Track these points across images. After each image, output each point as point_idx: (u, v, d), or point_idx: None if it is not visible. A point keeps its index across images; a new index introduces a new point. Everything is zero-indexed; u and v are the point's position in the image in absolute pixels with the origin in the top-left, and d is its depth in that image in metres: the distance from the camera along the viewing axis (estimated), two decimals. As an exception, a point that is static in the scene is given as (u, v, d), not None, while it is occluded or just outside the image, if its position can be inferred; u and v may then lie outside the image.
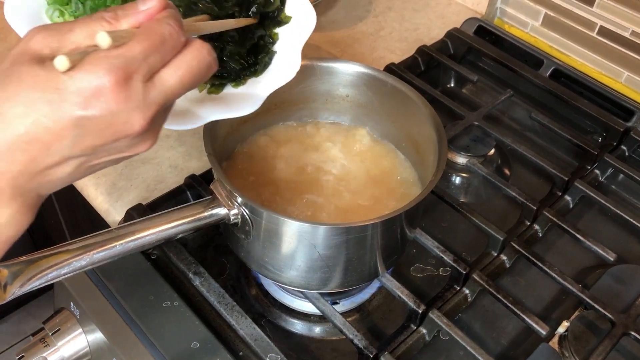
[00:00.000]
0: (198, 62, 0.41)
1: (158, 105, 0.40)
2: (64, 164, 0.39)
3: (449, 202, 0.71)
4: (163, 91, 0.40)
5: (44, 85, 0.36)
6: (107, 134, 0.38)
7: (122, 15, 0.41)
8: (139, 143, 0.41)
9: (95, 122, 0.37)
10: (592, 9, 0.91)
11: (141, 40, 0.39)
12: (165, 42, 0.39)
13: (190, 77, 0.41)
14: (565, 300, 0.68)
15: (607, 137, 0.85)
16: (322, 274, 0.56)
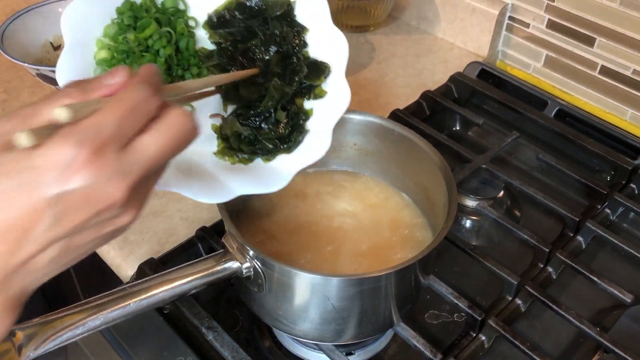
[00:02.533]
0: (177, 129, 0.39)
1: (136, 174, 0.37)
2: (47, 250, 0.37)
3: (461, 247, 0.71)
4: (141, 159, 0.38)
5: (14, 169, 0.35)
6: (85, 207, 0.36)
7: (89, 89, 0.39)
8: (121, 214, 0.39)
9: (72, 197, 0.35)
10: (593, 49, 0.92)
11: (111, 109, 0.37)
12: (137, 108, 0.38)
13: (170, 144, 0.39)
14: (584, 343, 0.67)
15: (616, 175, 0.85)
16: (336, 325, 0.56)
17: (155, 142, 0.38)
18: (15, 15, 0.92)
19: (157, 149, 0.38)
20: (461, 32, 1.07)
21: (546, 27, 0.96)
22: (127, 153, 0.37)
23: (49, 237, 0.36)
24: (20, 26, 0.92)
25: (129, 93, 0.38)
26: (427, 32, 1.13)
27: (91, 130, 0.36)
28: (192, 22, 0.62)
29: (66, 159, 0.35)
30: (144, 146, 0.38)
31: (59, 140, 0.35)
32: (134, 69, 0.56)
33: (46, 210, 0.35)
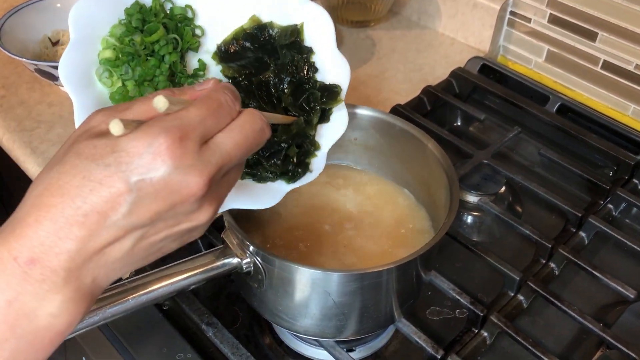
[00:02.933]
0: (251, 125, 0.41)
1: (215, 167, 0.39)
2: (122, 239, 0.37)
3: (462, 243, 0.71)
4: (218, 153, 0.39)
5: (101, 152, 0.36)
6: (163, 196, 0.37)
7: (178, 93, 0.42)
8: (198, 210, 0.39)
9: (152, 183, 0.36)
10: (595, 43, 0.91)
11: (197, 105, 0.39)
12: (221, 107, 0.40)
13: (245, 141, 0.41)
14: (587, 339, 0.66)
15: (618, 171, 0.85)
16: (337, 321, 0.55)
17: (231, 138, 0.40)
18: (14, 10, 0.91)
19: (233, 145, 0.40)
20: (462, 27, 1.07)
21: (548, 22, 0.96)
22: (207, 147, 0.39)
23: (126, 224, 0.36)
24: (18, 21, 0.91)
25: (215, 94, 0.41)
26: (428, 27, 1.12)
27: (177, 121, 0.37)
28: (198, 30, 0.62)
29: (149, 145, 0.36)
30: (221, 141, 0.40)
31: (145, 129, 0.37)
32: (138, 72, 0.56)
33: (125, 196, 0.36)
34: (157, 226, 0.38)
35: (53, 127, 0.85)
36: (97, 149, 0.36)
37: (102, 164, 0.36)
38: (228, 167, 0.40)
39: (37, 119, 0.87)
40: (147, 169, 0.36)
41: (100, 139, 0.37)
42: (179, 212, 0.38)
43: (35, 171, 0.80)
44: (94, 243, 0.36)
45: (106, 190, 0.35)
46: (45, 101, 0.90)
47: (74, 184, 0.35)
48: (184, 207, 0.38)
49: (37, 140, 0.83)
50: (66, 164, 0.37)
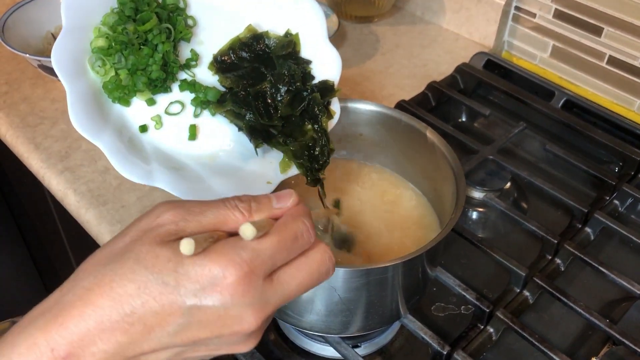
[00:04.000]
0: (318, 266, 0.40)
1: (273, 306, 0.37)
2: (159, 352, 0.36)
3: (468, 238, 0.70)
4: (280, 292, 0.38)
5: (162, 267, 0.35)
6: (213, 327, 0.36)
7: (255, 209, 0.40)
8: (243, 342, 0.38)
9: (206, 312, 0.35)
10: (600, 39, 0.91)
11: (274, 237, 0.37)
12: (295, 241, 0.38)
13: (309, 281, 0.39)
14: (593, 335, 0.66)
15: (624, 166, 0.84)
16: (343, 317, 0.55)
17: (297, 275, 0.39)
18: (17, 6, 0.91)
19: (298, 285, 0.39)
20: (467, 23, 1.06)
21: (553, 17, 0.95)
22: (271, 284, 0.37)
23: (168, 342, 0.36)
24: (21, 17, 0.91)
25: (293, 224, 0.39)
26: (432, 22, 1.12)
27: (249, 253, 0.36)
28: (190, 21, 0.62)
29: (214, 275, 0.35)
30: (287, 280, 0.38)
31: (214, 257, 0.35)
32: (131, 61, 0.56)
33: (176, 317, 0.35)
34: (198, 348, 0.38)
35: (56, 123, 0.85)
36: (158, 259, 0.35)
37: (160, 279, 0.35)
38: (285, 303, 0.39)
39: (40, 115, 0.87)
40: (205, 298, 0.35)
41: (164, 248, 0.36)
42: (223, 341, 0.37)
43: (38, 167, 0.80)
44: (132, 350, 0.35)
45: (159, 307, 0.35)
46: (49, 97, 0.90)
47: (128, 291, 0.35)
48: (230, 338, 0.37)
49: (40, 136, 0.83)
50: (124, 265, 0.35)
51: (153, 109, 0.59)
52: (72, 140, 0.83)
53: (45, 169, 0.79)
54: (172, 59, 0.59)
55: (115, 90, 0.56)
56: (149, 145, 0.57)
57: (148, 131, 0.58)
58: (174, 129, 0.59)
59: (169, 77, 0.59)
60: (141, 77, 0.57)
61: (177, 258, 0.35)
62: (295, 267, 0.39)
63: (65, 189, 0.76)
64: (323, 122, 0.59)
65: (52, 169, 0.79)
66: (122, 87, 0.56)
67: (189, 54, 0.62)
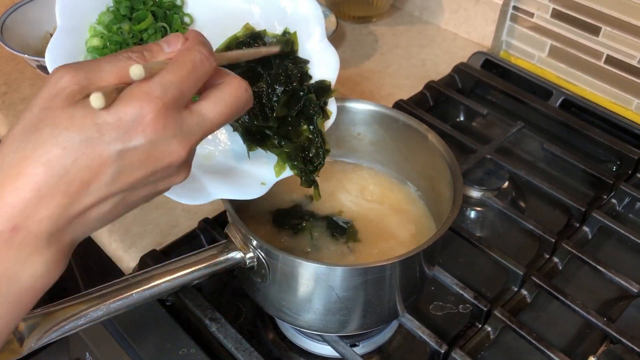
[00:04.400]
0: (235, 98, 0.42)
1: (196, 136, 0.40)
2: (102, 203, 0.38)
3: (466, 237, 0.70)
4: (201, 122, 0.40)
5: (81, 124, 0.36)
6: (146, 165, 0.38)
7: (148, 56, 0.41)
8: (175, 174, 0.41)
9: (135, 153, 0.37)
10: (598, 38, 0.91)
11: (174, 69, 0.39)
12: (196, 68, 0.40)
13: (228, 112, 0.41)
14: (590, 334, 0.66)
15: (622, 165, 0.84)
16: (340, 316, 0.55)
17: (215, 107, 0.41)
18: (15, 6, 0.91)
19: (217, 115, 0.41)
20: (465, 22, 1.06)
21: (551, 17, 0.95)
22: (190, 115, 0.39)
23: (107, 191, 0.37)
24: (20, 18, 0.91)
25: (188, 55, 0.40)
26: (430, 22, 1.12)
27: (156, 90, 0.37)
28: (187, 18, 0.62)
29: (133, 117, 0.36)
30: (205, 110, 0.40)
31: (127, 100, 0.37)
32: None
33: (108, 166, 0.37)
34: (137, 190, 0.39)
35: (55, 124, 0.85)
36: (75, 119, 0.36)
37: (83, 135, 0.36)
38: (209, 134, 0.41)
39: (39, 115, 0.87)
40: (131, 140, 0.37)
41: (77, 108, 0.36)
42: (158, 177, 0.40)
43: (37, 167, 0.80)
44: (75, 208, 0.37)
45: (89, 160, 0.36)
46: (48, 97, 0.90)
47: (55, 154, 0.36)
48: (163, 173, 0.39)
49: (39, 137, 0.83)
50: (43, 133, 0.36)
51: None
52: (71, 141, 0.83)
53: (44, 169, 0.79)
54: None
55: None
56: None
57: None
58: None
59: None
60: None
61: (92, 113, 0.36)
62: (212, 100, 0.41)
63: (64, 189, 0.77)
64: (319, 123, 0.59)
65: (51, 169, 0.79)
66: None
67: None
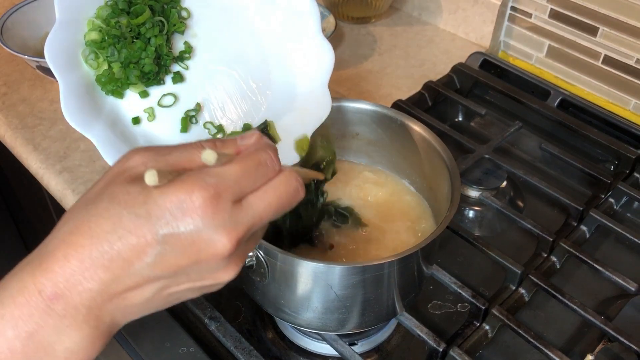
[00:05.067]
0: (285, 187, 0.40)
1: (244, 228, 0.38)
2: (144, 287, 0.37)
3: (464, 237, 0.71)
4: (250, 214, 0.38)
5: (134, 202, 0.36)
6: (190, 252, 0.36)
7: (220, 145, 0.41)
8: (222, 269, 0.39)
9: (180, 238, 0.36)
10: (596, 38, 0.91)
11: (237, 163, 0.38)
12: (259, 167, 0.39)
13: (278, 203, 0.40)
14: (588, 332, 0.67)
15: (620, 165, 0.85)
16: (339, 314, 0.55)
17: (264, 200, 0.39)
18: (15, 7, 0.91)
19: (265, 207, 0.39)
20: (463, 23, 1.07)
21: (549, 17, 0.96)
22: (240, 207, 0.38)
23: (149, 274, 0.37)
24: (20, 18, 0.91)
25: (257, 152, 0.40)
26: (429, 23, 1.12)
27: (213, 178, 0.37)
28: (184, 13, 0.62)
29: (182, 201, 0.36)
30: (254, 202, 0.39)
31: (180, 183, 0.36)
32: (124, 54, 0.56)
33: (152, 248, 0.36)
34: (180, 279, 0.38)
35: (55, 124, 0.86)
36: (130, 195, 0.36)
37: (133, 212, 0.36)
38: (257, 227, 0.39)
39: (39, 116, 0.87)
40: (177, 224, 0.36)
41: (134, 185, 0.37)
42: (203, 269, 0.38)
43: (37, 168, 0.80)
44: (115, 287, 0.36)
45: (134, 239, 0.36)
46: (47, 98, 0.90)
47: (104, 229, 0.36)
48: (208, 265, 0.38)
49: (39, 137, 0.83)
50: (99, 206, 0.37)
51: (146, 101, 0.60)
52: (71, 141, 0.83)
53: (44, 169, 0.80)
54: (165, 51, 0.59)
55: (108, 83, 0.57)
56: (142, 137, 0.58)
57: (141, 123, 0.59)
58: (166, 121, 0.60)
59: (162, 69, 0.60)
60: (134, 70, 0.57)
61: (146, 192, 0.36)
62: (263, 190, 0.39)
63: (64, 189, 0.77)
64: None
65: (51, 169, 0.79)
66: (115, 80, 0.57)
67: (182, 47, 0.62)
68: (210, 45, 0.63)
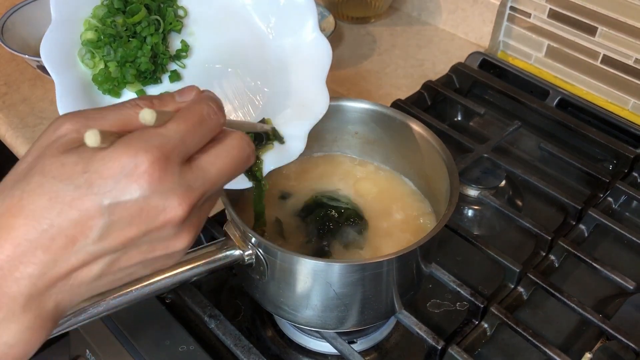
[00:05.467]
0: (238, 151, 0.38)
1: (196, 192, 0.35)
2: (91, 265, 0.34)
3: (463, 236, 0.71)
4: (201, 177, 0.36)
5: (71, 172, 0.33)
6: (139, 222, 0.33)
7: (158, 104, 0.38)
8: (174, 237, 0.36)
9: (126, 207, 0.33)
10: (594, 38, 0.92)
11: (179, 120, 0.36)
12: (204, 122, 0.37)
13: (230, 167, 0.38)
14: (586, 331, 0.67)
15: (618, 164, 0.85)
16: (338, 312, 0.56)
17: (216, 164, 0.37)
18: (16, 7, 0.92)
19: (218, 170, 0.37)
20: (462, 23, 1.07)
21: (548, 17, 0.96)
22: (190, 169, 0.35)
23: (95, 250, 0.33)
24: (20, 18, 0.92)
25: (197, 107, 0.37)
26: (428, 23, 1.12)
27: (156, 139, 0.34)
28: (181, 11, 0.62)
29: (126, 166, 0.33)
30: (206, 166, 0.36)
31: (121, 147, 0.33)
32: (120, 53, 0.57)
33: (96, 220, 0.33)
34: (130, 252, 0.35)
35: (55, 123, 0.86)
36: (65, 167, 0.33)
37: (71, 184, 0.32)
38: (210, 192, 0.37)
39: (39, 115, 0.87)
40: (122, 192, 0.33)
41: (69, 155, 0.33)
42: (154, 238, 0.35)
43: (38, 167, 0.80)
44: (59, 268, 0.33)
45: (76, 213, 0.32)
46: (48, 98, 0.90)
47: (40, 205, 0.32)
48: (160, 233, 0.35)
49: (39, 136, 0.84)
50: (31, 182, 0.33)
51: None
52: (71, 140, 0.83)
53: (45, 168, 0.80)
54: (162, 50, 0.59)
55: (104, 82, 0.57)
56: None
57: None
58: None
59: (159, 68, 0.60)
60: (130, 69, 0.57)
61: (85, 159, 0.33)
62: (213, 154, 0.37)
63: (64, 188, 0.77)
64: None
65: (51, 168, 0.79)
66: (112, 79, 0.57)
67: (179, 45, 0.62)
68: (208, 43, 0.63)
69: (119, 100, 0.58)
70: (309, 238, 0.62)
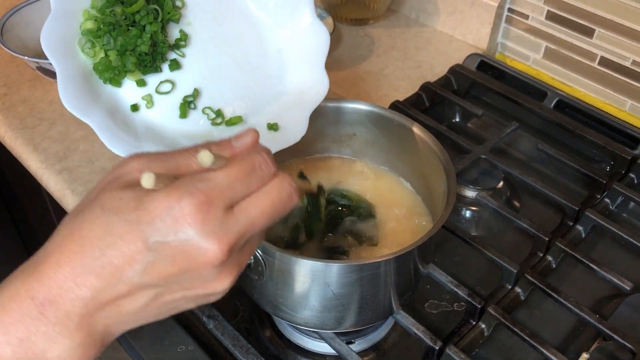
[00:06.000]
0: (279, 192, 0.39)
1: (237, 235, 0.37)
2: (136, 295, 0.37)
3: (461, 236, 0.71)
4: (242, 221, 0.37)
5: (126, 207, 0.36)
6: (179, 261, 0.36)
7: (215, 148, 0.40)
8: (215, 278, 0.38)
9: (170, 246, 0.35)
10: (592, 40, 0.92)
11: (230, 167, 0.38)
12: (253, 172, 0.38)
13: (271, 209, 0.39)
14: (583, 331, 0.67)
15: (615, 165, 0.85)
16: (336, 313, 0.56)
17: (257, 205, 0.38)
18: (15, 8, 0.92)
19: (258, 213, 0.38)
20: (460, 24, 1.07)
21: (545, 19, 0.96)
22: (232, 214, 0.37)
23: (140, 282, 0.36)
24: (19, 20, 0.92)
25: (250, 156, 0.39)
26: (426, 24, 1.13)
27: (204, 183, 0.36)
28: (179, 2, 0.63)
29: (172, 207, 0.35)
30: (247, 208, 0.38)
31: (171, 189, 0.36)
32: (120, 42, 0.57)
33: (142, 255, 0.35)
34: (172, 288, 0.38)
35: (54, 125, 0.86)
36: (122, 201, 0.36)
37: (124, 219, 0.35)
38: (251, 234, 0.38)
39: (38, 116, 0.88)
40: (167, 231, 0.35)
41: (128, 191, 0.36)
42: (194, 277, 0.37)
43: (37, 168, 0.81)
44: (107, 294, 0.36)
45: (125, 246, 0.35)
46: (47, 99, 0.91)
47: (95, 235, 0.36)
48: (199, 273, 0.37)
49: (38, 138, 0.84)
50: (92, 213, 0.36)
51: (144, 88, 0.60)
52: (70, 142, 0.84)
53: (44, 169, 0.80)
54: (161, 39, 0.60)
55: (105, 71, 0.57)
56: (141, 124, 0.58)
57: (139, 110, 0.59)
58: (165, 107, 0.60)
59: (159, 57, 0.60)
60: (130, 57, 0.58)
61: (139, 197, 0.36)
62: (255, 196, 0.38)
63: (63, 190, 0.77)
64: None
65: (50, 169, 0.80)
66: (112, 68, 0.57)
67: (178, 35, 0.63)
68: (206, 33, 0.64)
69: (120, 88, 0.59)
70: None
